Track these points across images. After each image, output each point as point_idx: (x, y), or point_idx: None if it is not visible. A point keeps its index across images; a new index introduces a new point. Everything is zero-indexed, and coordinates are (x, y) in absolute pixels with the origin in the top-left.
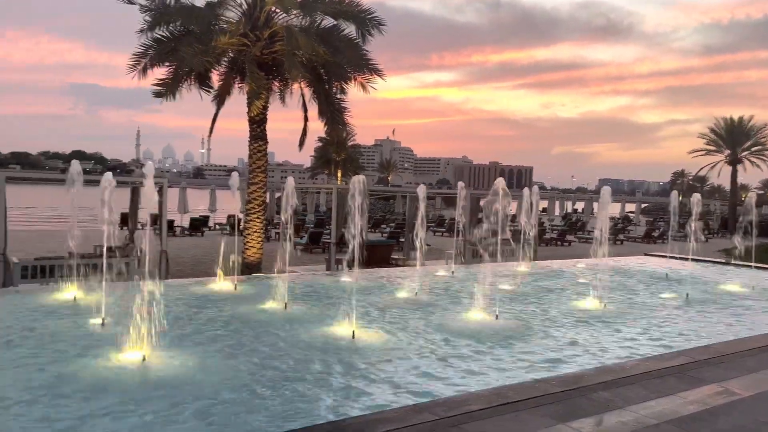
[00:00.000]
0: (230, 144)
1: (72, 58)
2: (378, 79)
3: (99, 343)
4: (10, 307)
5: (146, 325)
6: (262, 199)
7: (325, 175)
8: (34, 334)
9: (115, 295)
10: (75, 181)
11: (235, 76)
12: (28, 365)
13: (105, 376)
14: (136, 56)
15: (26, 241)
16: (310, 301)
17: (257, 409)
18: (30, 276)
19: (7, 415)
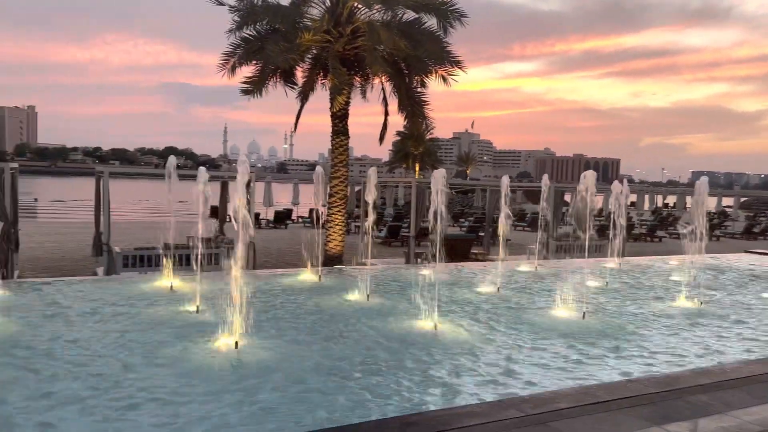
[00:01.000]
0: (312, 139)
1: (165, 59)
2: (459, 71)
3: (195, 329)
4: (114, 292)
5: (237, 313)
6: (343, 193)
7: (403, 169)
8: (137, 319)
9: (207, 284)
10: (171, 176)
11: (319, 72)
12: (133, 347)
13: (202, 359)
14: (225, 55)
15: (126, 232)
16: (391, 294)
17: (341, 397)
18: (130, 265)
19: (121, 392)
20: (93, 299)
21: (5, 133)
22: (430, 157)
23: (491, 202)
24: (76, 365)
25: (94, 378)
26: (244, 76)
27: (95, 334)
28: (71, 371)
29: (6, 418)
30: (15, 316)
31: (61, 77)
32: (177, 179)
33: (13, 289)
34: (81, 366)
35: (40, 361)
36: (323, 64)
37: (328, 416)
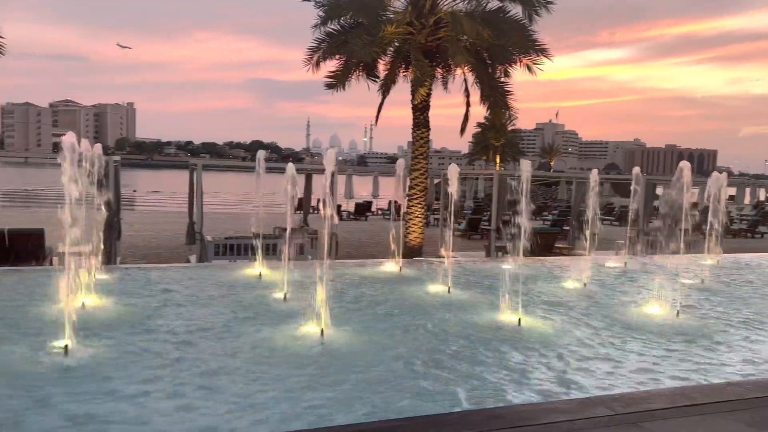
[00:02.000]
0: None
1: (251, 56)
2: (544, 59)
3: (283, 316)
4: (208, 279)
5: (322, 301)
6: (423, 185)
7: (483, 161)
8: (229, 304)
9: (294, 273)
10: (260, 169)
11: (400, 64)
12: (227, 331)
13: (290, 345)
14: (310, 50)
15: (216, 222)
16: (472, 287)
17: (423, 387)
18: (221, 253)
19: (218, 378)
20: (188, 285)
21: (107, 128)
22: (511, 149)
23: (577, 194)
24: (178, 345)
25: (191, 359)
26: (327, 71)
27: (191, 317)
28: (175, 351)
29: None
30: (121, 300)
31: (156, 75)
32: (265, 172)
33: (116, 274)
34: (181, 346)
35: (149, 339)
36: (405, 56)
37: (410, 405)
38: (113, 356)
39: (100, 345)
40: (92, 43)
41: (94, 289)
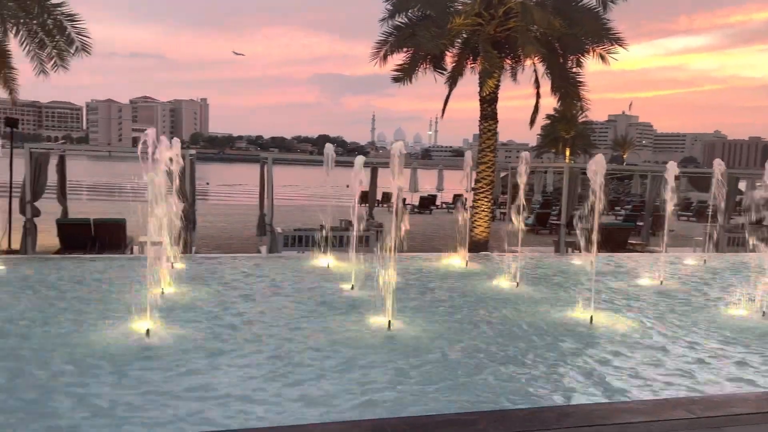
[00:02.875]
0: (456, 125)
1: (319, 51)
2: (619, 48)
3: (351, 306)
4: (278, 269)
5: (389, 292)
6: (490, 179)
7: (552, 154)
8: (299, 293)
9: (360, 264)
10: (329, 162)
11: (468, 56)
12: (299, 321)
13: (357, 334)
14: (377, 44)
15: (285, 214)
16: (541, 282)
17: (491, 381)
18: (290, 244)
19: (288, 364)
20: (259, 274)
21: (182, 123)
22: (582, 141)
23: (652, 189)
24: (249, 330)
25: (264, 345)
26: (395, 64)
27: (262, 304)
28: (246, 335)
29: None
30: (196, 287)
31: (228, 71)
32: (333, 165)
33: (192, 263)
34: (252, 332)
35: (222, 324)
36: (473, 47)
37: (477, 399)
38: (190, 339)
39: (178, 329)
40: (168, 42)
41: (172, 276)
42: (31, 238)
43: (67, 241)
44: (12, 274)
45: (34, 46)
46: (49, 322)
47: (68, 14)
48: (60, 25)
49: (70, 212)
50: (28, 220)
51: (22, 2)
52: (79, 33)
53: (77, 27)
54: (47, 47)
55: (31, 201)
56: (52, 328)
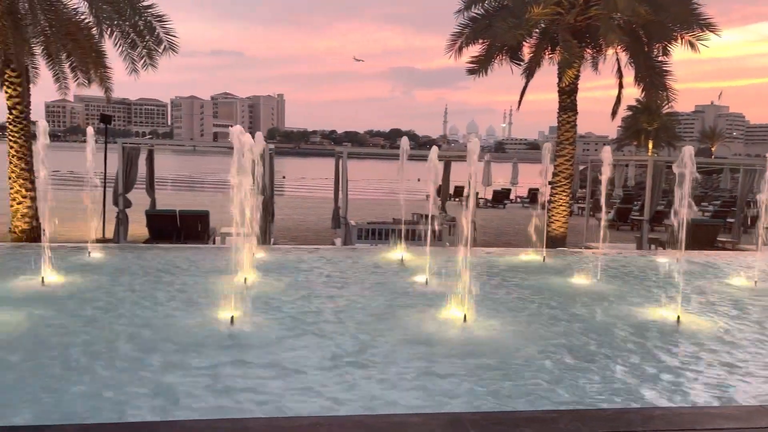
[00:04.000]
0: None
1: (392, 45)
2: (710, 35)
3: (425, 299)
4: (353, 261)
5: (463, 287)
6: (569, 172)
7: (634, 147)
8: (374, 285)
9: (434, 258)
10: (403, 156)
11: (546, 46)
12: (374, 312)
13: (433, 327)
14: (453, 36)
15: (358, 208)
16: (623, 280)
17: (571, 381)
18: (363, 237)
19: (364, 355)
20: (335, 266)
21: (260, 118)
22: (666, 133)
23: (745, 183)
24: (326, 321)
25: (338, 335)
26: (470, 56)
27: (339, 295)
28: (324, 325)
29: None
30: (277, 277)
31: (303, 67)
32: (407, 159)
33: (271, 253)
34: (330, 322)
35: (302, 314)
36: (551, 37)
37: (554, 398)
38: (272, 328)
39: (261, 317)
40: (247, 39)
41: (253, 266)
42: (123, 228)
43: (154, 230)
44: (107, 261)
45: (127, 46)
46: (140, 306)
47: (157, 15)
48: (150, 25)
49: (157, 203)
50: (120, 211)
51: (116, 5)
52: (167, 33)
53: (165, 27)
54: (138, 47)
55: (123, 193)
56: (143, 312)
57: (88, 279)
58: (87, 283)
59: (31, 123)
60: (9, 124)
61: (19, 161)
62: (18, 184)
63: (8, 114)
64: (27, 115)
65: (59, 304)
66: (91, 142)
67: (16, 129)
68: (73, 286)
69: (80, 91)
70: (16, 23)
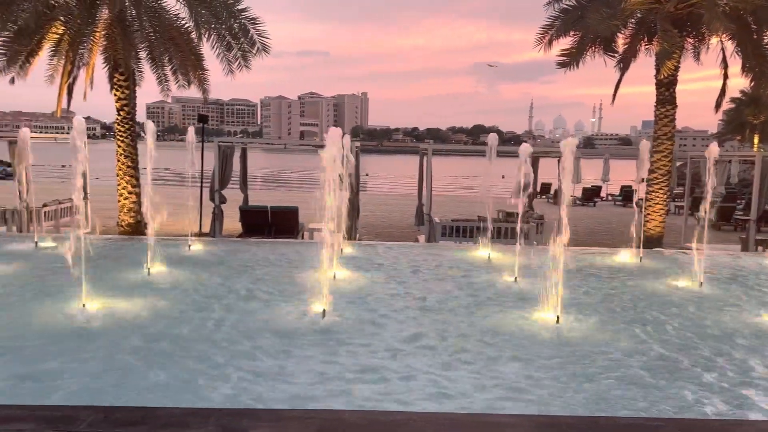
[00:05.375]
0: (623, 111)
1: (476, 40)
2: None
3: (515, 298)
4: (439, 258)
5: (555, 287)
6: (666, 169)
7: (737, 142)
8: (460, 282)
9: (522, 256)
10: (491, 153)
11: (642, 37)
12: (462, 310)
13: (524, 327)
14: (542, 29)
15: (441, 205)
16: (727, 283)
17: (671, 389)
18: (447, 234)
19: (454, 354)
20: (420, 263)
21: (344, 117)
22: None
23: None
24: (414, 318)
25: (423, 331)
26: (560, 49)
27: (426, 292)
28: (410, 322)
29: None
30: (363, 273)
31: (387, 65)
32: (495, 156)
33: (358, 249)
34: (417, 319)
35: (390, 310)
36: (648, 27)
37: (650, 405)
38: (362, 322)
39: (349, 311)
40: (332, 39)
41: (341, 261)
42: (218, 223)
43: (247, 225)
44: (205, 254)
45: (223, 49)
46: (236, 297)
47: (251, 18)
48: (244, 28)
49: (249, 200)
50: (216, 207)
51: (213, 9)
52: (260, 35)
53: (258, 29)
54: (233, 49)
55: (219, 189)
56: (239, 303)
57: (189, 270)
58: (188, 274)
59: (136, 123)
60: (117, 124)
61: (125, 159)
62: (125, 180)
63: (116, 115)
64: (133, 116)
65: (164, 294)
66: (192, 141)
67: (123, 129)
68: (176, 276)
69: (178, 92)
70: (125, 30)
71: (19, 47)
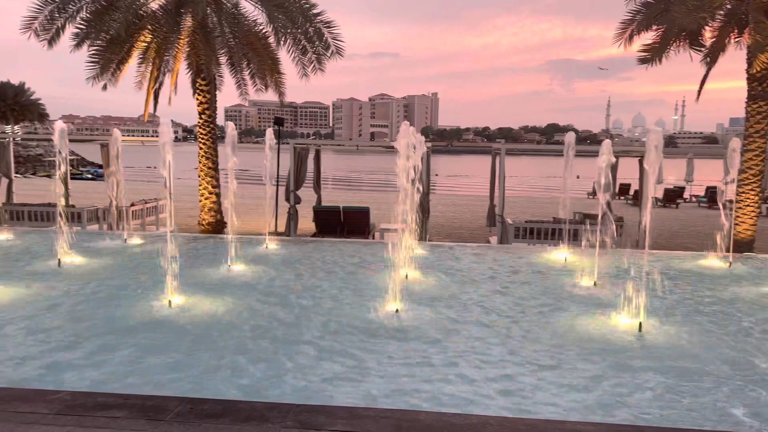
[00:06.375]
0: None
1: (550, 37)
2: None
3: (594, 303)
4: (512, 260)
5: (637, 292)
6: (758, 169)
7: None
8: (538, 288)
9: (601, 260)
10: (569, 152)
11: (732, 29)
12: (539, 314)
13: (604, 333)
14: (622, 24)
15: (513, 206)
16: None
17: (763, 407)
18: (520, 236)
19: (527, 358)
20: (493, 264)
21: (414, 117)
22: None
23: None
24: (487, 320)
25: (493, 336)
26: (641, 44)
27: (499, 294)
28: (487, 326)
29: None
30: (435, 273)
31: (457, 65)
32: (573, 156)
33: (428, 250)
34: (494, 321)
35: (462, 311)
36: (739, 19)
37: (745, 423)
38: (436, 323)
39: (424, 311)
40: (403, 40)
41: (412, 262)
42: (293, 222)
43: (321, 225)
44: (282, 252)
45: (298, 53)
46: (312, 294)
47: (326, 22)
48: (319, 31)
49: (322, 200)
50: (291, 207)
51: (289, 14)
52: (335, 38)
53: (333, 32)
54: (308, 53)
55: (294, 190)
56: (315, 300)
57: (266, 268)
58: (266, 271)
59: (216, 126)
60: (199, 127)
61: (206, 161)
62: (206, 181)
63: (198, 118)
64: (214, 120)
65: (244, 290)
66: (270, 143)
67: (204, 132)
68: (255, 273)
69: (255, 96)
70: (207, 36)
71: (110, 55)
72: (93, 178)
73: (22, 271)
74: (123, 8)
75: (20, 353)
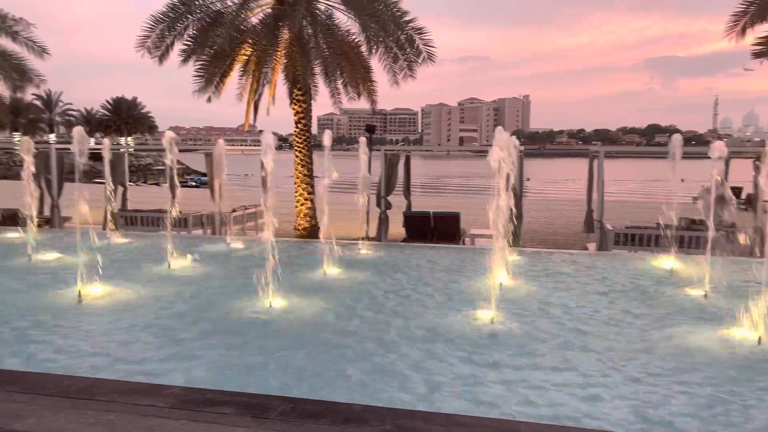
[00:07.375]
0: None
1: (649, 34)
2: None
3: (706, 316)
4: (614, 268)
5: (755, 303)
6: None
7: None
8: (642, 297)
9: (712, 269)
10: (676, 154)
11: None
12: (642, 327)
13: (717, 349)
14: (734, 16)
15: (611, 210)
16: None
17: None
18: (621, 242)
19: (628, 376)
20: (593, 272)
21: (505, 121)
22: None
23: None
24: (584, 332)
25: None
26: (755, 37)
27: (598, 305)
28: (581, 337)
29: None
30: (530, 281)
31: (549, 66)
32: (680, 157)
33: (523, 256)
34: (595, 332)
35: (557, 322)
36: None
37: None
38: (534, 332)
39: (519, 320)
40: (493, 42)
41: (506, 268)
42: (384, 228)
43: (411, 230)
44: (374, 258)
45: (389, 60)
46: (405, 300)
47: (417, 28)
48: (410, 38)
49: (411, 205)
50: (382, 212)
51: (381, 22)
52: (426, 44)
53: (424, 39)
54: (399, 60)
55: (385, 195)
56: (408, 306)
57: (360, 272)
58: (360, 276)
59: (311, 135)
60: (295, 136)
61: (302, 168)
62: (301, 188)
63: (294, 127)
64: (309, 128)
65: (339, 294)
66: (363, 150)
67: (300, 140)
68: (349, 278)
69: (346, 105)
70: (303, 48)
71: (214, 69)
72: (197, 185)
73: (137, 273)
74: (227, 24)
75: (139, 349)
